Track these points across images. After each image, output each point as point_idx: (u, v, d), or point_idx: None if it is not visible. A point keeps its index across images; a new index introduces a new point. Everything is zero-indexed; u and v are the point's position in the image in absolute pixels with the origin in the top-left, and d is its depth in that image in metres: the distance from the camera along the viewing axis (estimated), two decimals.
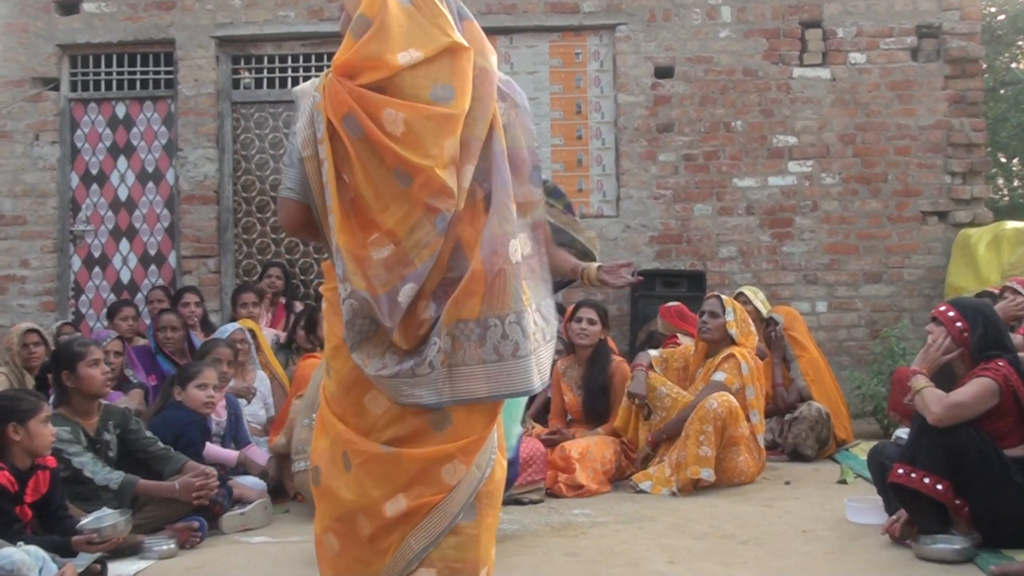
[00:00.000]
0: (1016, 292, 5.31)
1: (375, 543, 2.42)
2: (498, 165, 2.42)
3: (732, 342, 5.46)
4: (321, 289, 2.59)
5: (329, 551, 2.50)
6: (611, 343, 6.05)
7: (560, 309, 5.77)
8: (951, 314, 3.92)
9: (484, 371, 2.36)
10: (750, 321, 5.64)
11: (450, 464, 2.40)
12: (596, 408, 5.63)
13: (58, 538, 3.65)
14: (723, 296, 5.62)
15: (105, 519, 3.76)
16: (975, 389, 3.70)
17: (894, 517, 3.93)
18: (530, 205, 2.51)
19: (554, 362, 3.39)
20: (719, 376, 5.32)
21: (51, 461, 3.84)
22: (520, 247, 2.42)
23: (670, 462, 5.18)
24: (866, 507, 4.30)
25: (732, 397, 5.21)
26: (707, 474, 5.07)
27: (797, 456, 5.90)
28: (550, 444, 5.33)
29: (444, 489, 2.39)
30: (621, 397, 5.51)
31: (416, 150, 2.29)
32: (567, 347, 5.88)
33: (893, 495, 3.87)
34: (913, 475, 3.68)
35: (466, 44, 2.39)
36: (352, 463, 2.42)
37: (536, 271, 2.50)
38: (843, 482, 5.23)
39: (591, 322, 5.63)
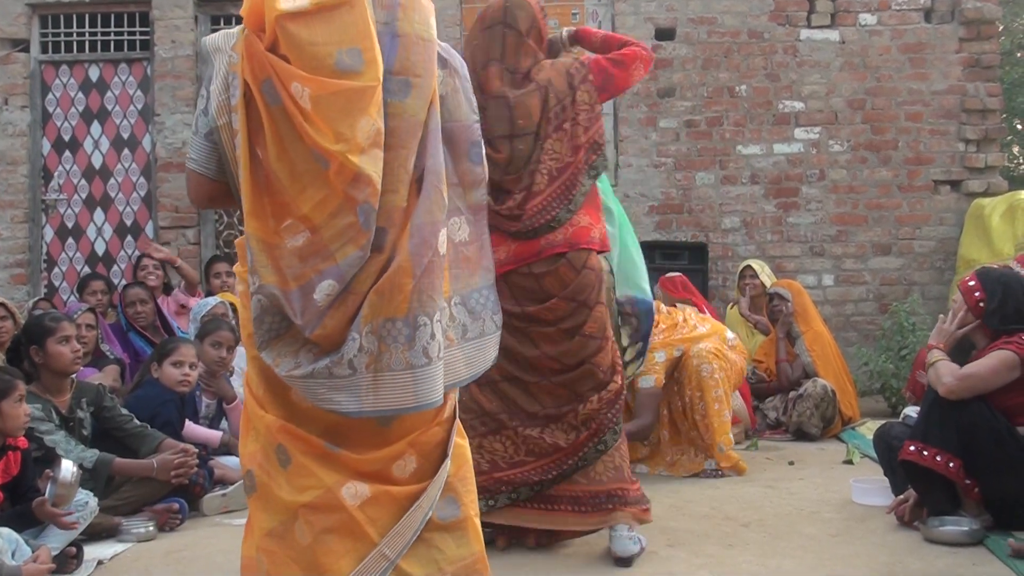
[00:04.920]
0: None
1: (320, 553, 2.19)
2: (432, 144, 2.23)
3: None
4: (236, 269, 2.41)
5: (258, 574, 2.27)
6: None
7: None
8: (971, 283, 3.82)
9: (412, 377, 2.17)
10: None
11: (401, 460, 2.25)
12: None
13: (19, 508, 3.55)
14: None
15: (56, 481, 3.57)
16: (992, 362, 3.60)
17: (901, 497, 3.86)
18: (469, 185, 2.37)
19: None
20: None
21: (22, 442, 3.71)
22: (456, 232, 2.30)
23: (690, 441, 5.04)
24: (872, 488, 4.25)
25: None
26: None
27: (801, 435, 5.88)
28: None
29: (398, 483, 2.24)
30: None
31: (325, 131, 2.08)
32: None
33: (903, 473, 3.79)
34: (925, 453, 3.59)
35: None
36: (293, 454, 2.22)
37: (473, 259, 2.37)
38: (849, 462, 5.19)
39: None
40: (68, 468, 3.52)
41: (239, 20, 7.45)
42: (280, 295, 2.11)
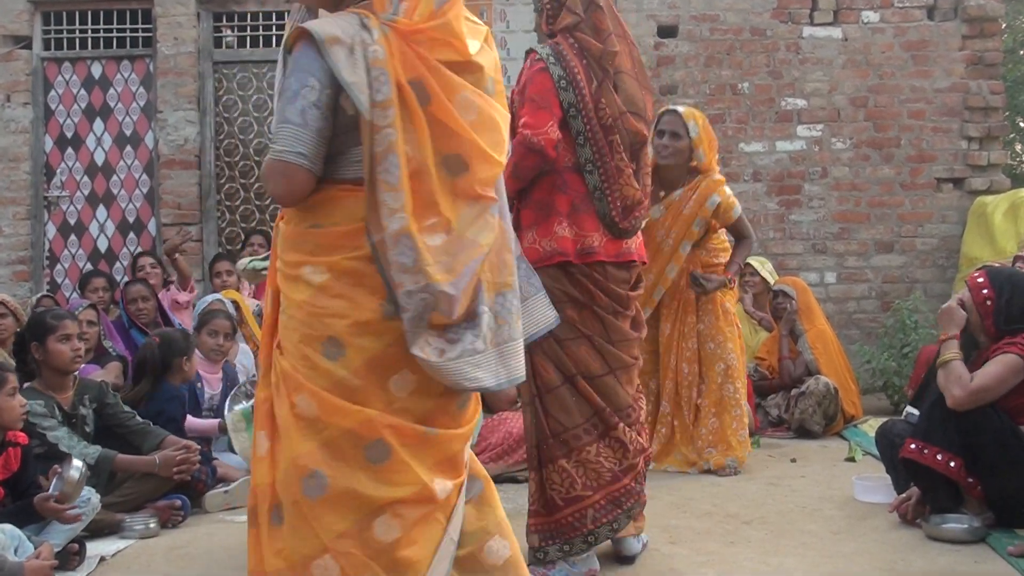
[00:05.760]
0: None
1: (403, 546, 2.19)
2: None
3: (695, 170, 4.95)
4: (290, 258, 2.30)
5: None
6: None
7: None
8: (980, 280, 3.79)
9: (520, 347, 2.32)
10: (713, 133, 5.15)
11: (468, 442, 2.37)
12: None
13: (21, 503, 3.55)
14: (679, 108, 5.06)
15: (62, 478, 3.59)
16: (999, 369, 3.56)
17: (903, 496, 3.85)
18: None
19: None
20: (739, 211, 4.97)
21: (22, 438, 3.71)
22: None
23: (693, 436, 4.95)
24: (875, 485, 4.24)
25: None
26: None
27: (803, 432, 5.86)
28: None
29: (464, 467, 2.33)
30: None
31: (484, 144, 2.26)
32: None
33: (904, 470, 3.78)
34: (926, 451, 3.59)
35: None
36: (396, 449, 2.20)
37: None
38: (851, 460, 5.17)
39: None
40: (77, 467, 3.54)
41: (241, 17, 7.40)
42: (443, 291, 2.16)
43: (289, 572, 2.20)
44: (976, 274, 3.87)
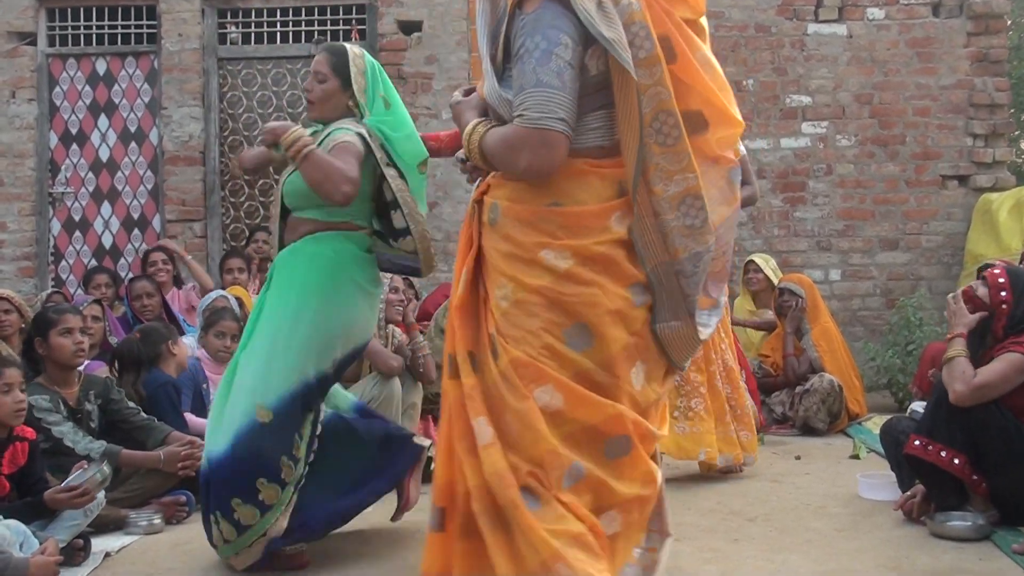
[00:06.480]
0: None
1: (622, 541, 2.16)
2: None
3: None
4: (561, 243, 2.11)
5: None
6: None
7: None
8: (1001, 280, 3.73)
9: None
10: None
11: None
12: None
13: (30, 499, 3.54)
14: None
15: (87, 472, 3.60)
16: (1003, 367, 3.54)
17: (908, 493, 3.84)
18: None
19: None
20: None
21: (29, 432, 3.71)
22: None
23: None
24: (879, 483, 4.23)
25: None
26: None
27: (808, 430, 5.87)
28: None
29: None
30: None
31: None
32: None
33: (908, 467, 3.77)
34: (930, 448, 3.58)
35: None
36: (636, 443, 2.13)
37: None
38: (855, 457, 5.18)
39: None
40: (104, 472, 3.58)
41: (245, 13, 7.34)
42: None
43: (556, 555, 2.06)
44: (997, 271, 3.79)
